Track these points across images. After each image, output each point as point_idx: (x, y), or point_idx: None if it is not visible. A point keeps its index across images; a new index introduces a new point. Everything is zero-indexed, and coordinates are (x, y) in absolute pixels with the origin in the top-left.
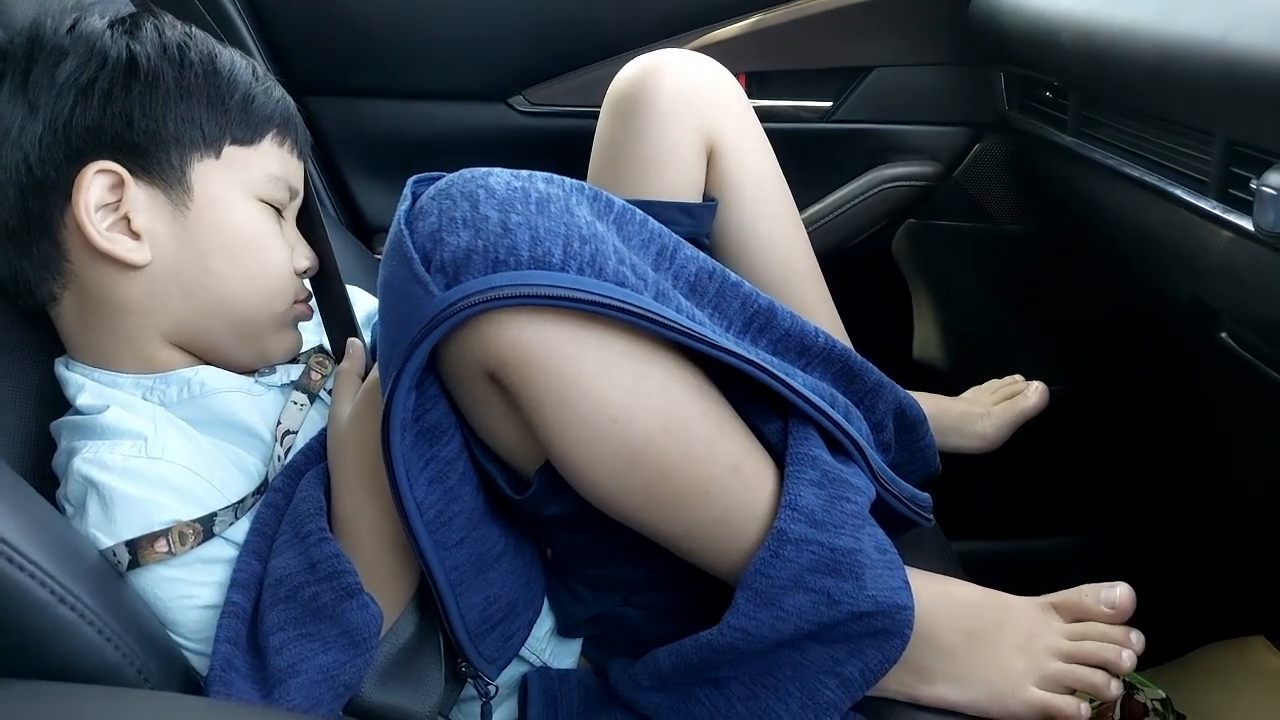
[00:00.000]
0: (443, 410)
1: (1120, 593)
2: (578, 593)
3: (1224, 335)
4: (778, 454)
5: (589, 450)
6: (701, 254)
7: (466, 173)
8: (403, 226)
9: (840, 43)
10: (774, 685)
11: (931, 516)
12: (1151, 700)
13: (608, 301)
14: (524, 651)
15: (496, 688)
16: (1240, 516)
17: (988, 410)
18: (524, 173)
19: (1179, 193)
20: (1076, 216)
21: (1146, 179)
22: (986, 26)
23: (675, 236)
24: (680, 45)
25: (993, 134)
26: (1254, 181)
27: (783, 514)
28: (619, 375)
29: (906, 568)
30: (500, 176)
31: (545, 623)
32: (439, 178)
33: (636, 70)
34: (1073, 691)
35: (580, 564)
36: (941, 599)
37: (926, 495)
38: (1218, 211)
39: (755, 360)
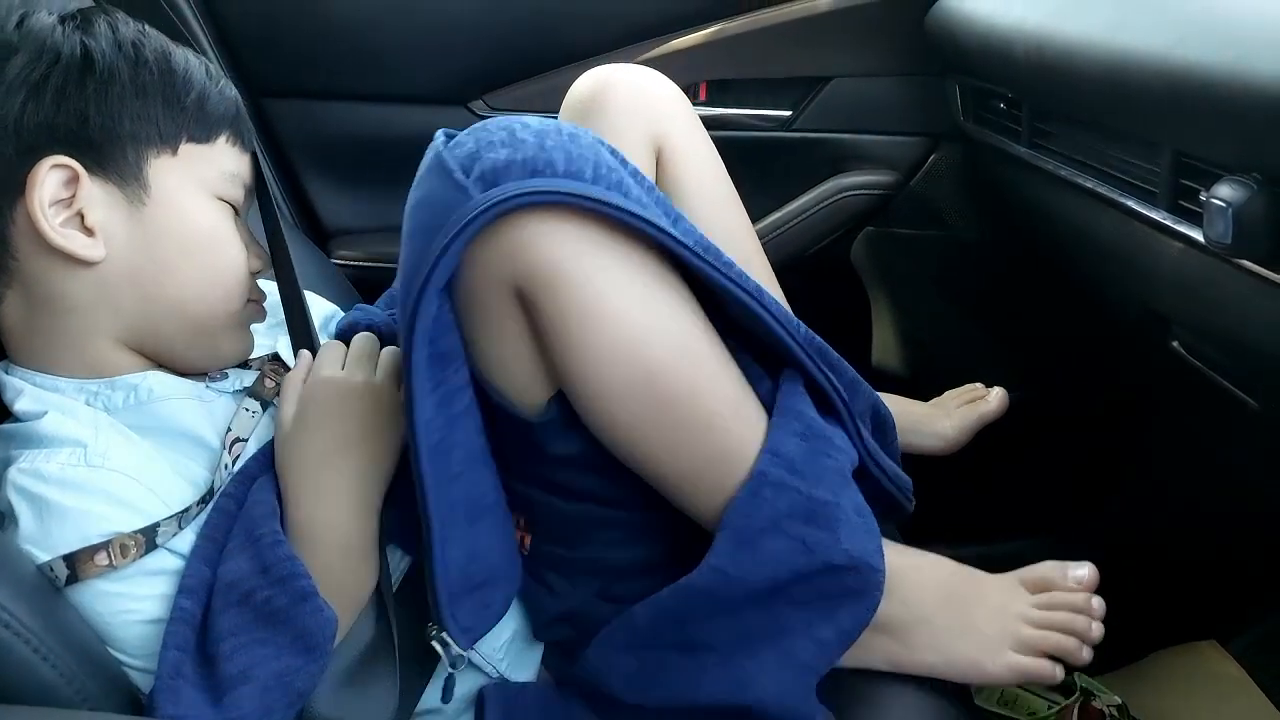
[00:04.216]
0: (455, 339)
1: (1086, 571)
2: (553, 585)
3: (1175, 344)
4: (767, 412)
5: (607, 371)
6: (700, 230)
7: (499, 118)
8: (442, 150)
9: (799, 53)
10: (748, 649)
11: (913, 499)
12: (1108, 706)
13: (638, 214)
14: (480, 661)
15: (466, 658)
16: (1192, 523)
17: (949, 412)
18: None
19: (1130, 203)
20: (1031, 225)
21: (1099, 189)
22: (942, 38)
23: (676, 209)
24: (641, 53)
25: (949, 144)
26: (1203, 194)
27: (764, 458)
28: (640, 295)
29: (884, 540)
30: (532, 119)
31: (505, 631)
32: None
33: (589, 82)
34: (1047, 657)
35: (561, 545)
36: (918, 569)
37: (908, 478)
38: (1168, 222)
39: (767, 305)
